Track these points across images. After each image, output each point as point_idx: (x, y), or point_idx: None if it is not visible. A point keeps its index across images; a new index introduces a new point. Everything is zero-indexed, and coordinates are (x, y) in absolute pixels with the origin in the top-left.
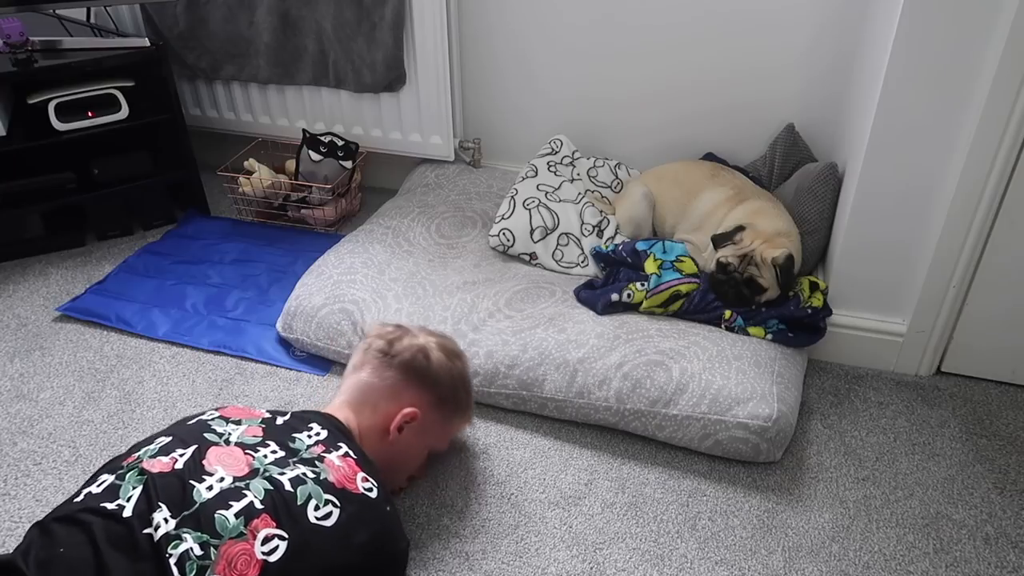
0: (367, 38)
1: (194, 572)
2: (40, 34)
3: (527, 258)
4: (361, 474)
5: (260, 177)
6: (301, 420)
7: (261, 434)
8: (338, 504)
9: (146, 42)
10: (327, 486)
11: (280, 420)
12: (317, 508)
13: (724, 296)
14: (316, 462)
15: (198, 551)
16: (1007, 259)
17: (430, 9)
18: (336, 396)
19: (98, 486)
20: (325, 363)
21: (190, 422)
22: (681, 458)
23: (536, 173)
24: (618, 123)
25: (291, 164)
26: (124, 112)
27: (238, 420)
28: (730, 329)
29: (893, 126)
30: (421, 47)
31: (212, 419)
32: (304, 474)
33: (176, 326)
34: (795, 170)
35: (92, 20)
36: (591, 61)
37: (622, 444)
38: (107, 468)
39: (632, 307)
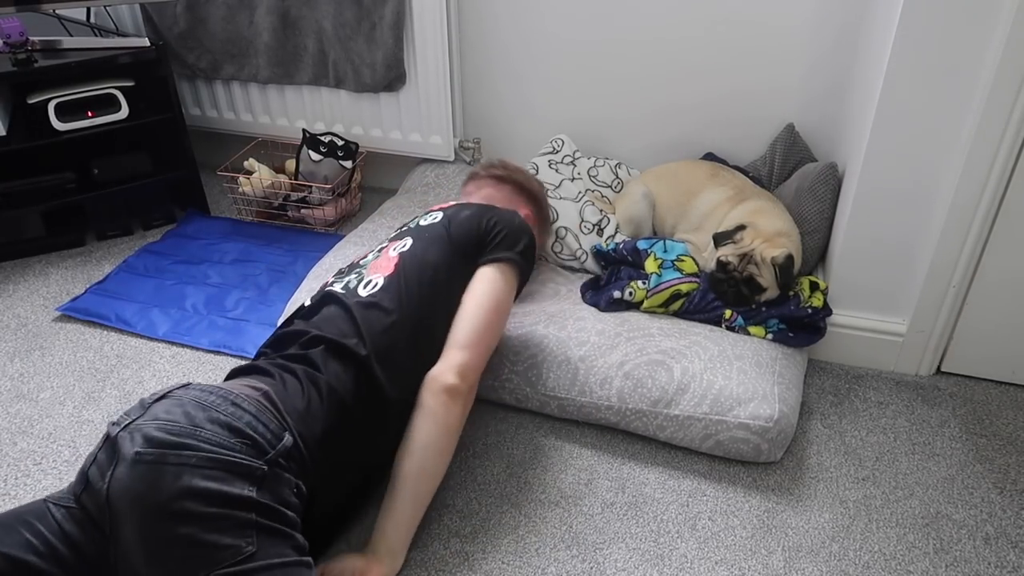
0: (367, 38)
1: (353, 285)
2: (40, 34)
3: None
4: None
5: (260, 177)
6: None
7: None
8: (436, 213)
9: (146, 42)
10: (433, 211)
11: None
12: (422, 220)
13: (723, 295)
14: (422, 216)
15: (352, 278)
16: (1007, 259)
17: (430, 9)
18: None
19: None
20: None
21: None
22: (681, 458)
23: (537, 171)
24: (618, 122)
25: (291, 164)
26: (124, 112)
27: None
28: (730, 329)
29: (893, 126)
30: (421, 47)
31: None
32: (418, 221)
33: (176, 326)
34: (795, 170)
35: (92, 20)
36: (591, 61)
37: (622, 444)
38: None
39: (634, 305)
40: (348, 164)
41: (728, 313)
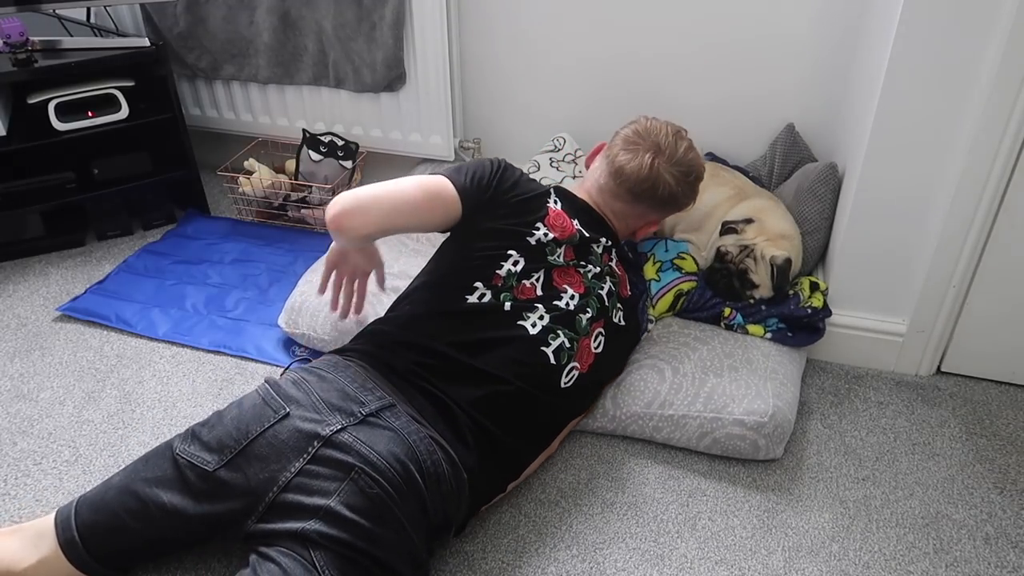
0: (367, 38)
1: (564, 359)
2: (40, 34)
3: None
4: (628, 276)
5: (260, 177)
6: (592, 230)
7: (574, 255)
8: (622, 309)
9: (146, 42)
10: (619, 297)
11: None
12: (615, 315)
13: (715, 286)
14: (609, 276)
15: (568, 345)
16: (1007, 259)
17: (430, 9)
18: (585, 184)
19: (477, 298)
20: None
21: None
22: (681, 458)
23: (538, 168)
24: (618, 122)
25: (291, 164)
26: (124, 112)
27: (558, 241)
28: (729, 327)
29: (893, 126)
30: (421, 47)
31: (545, 236)
32: (610, 289)
33: (176, 326)
34: (795, 170)
35: (92, 20)
36: (591, 61)
37: (622, 444)
38: (479, 278)
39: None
40: (348, 164)
41: (727, 311)
